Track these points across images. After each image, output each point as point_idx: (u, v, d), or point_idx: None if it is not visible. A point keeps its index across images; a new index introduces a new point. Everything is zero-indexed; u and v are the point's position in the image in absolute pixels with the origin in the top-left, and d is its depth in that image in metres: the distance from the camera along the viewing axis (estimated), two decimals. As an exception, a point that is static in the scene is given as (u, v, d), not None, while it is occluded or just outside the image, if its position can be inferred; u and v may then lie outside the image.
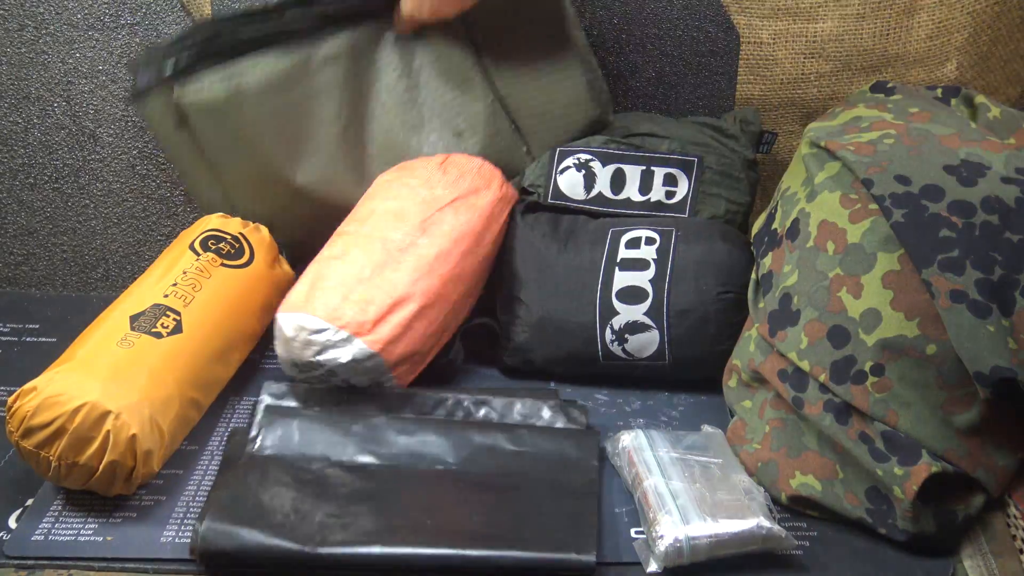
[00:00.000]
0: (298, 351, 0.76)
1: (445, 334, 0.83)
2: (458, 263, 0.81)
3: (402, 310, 0.77)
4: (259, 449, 0.72)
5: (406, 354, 0.78)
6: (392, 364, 0.77)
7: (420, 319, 0.78)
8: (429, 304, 0.79)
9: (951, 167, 0.67)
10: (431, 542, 0.65)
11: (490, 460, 0.73)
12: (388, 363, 0.77)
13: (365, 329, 0.76)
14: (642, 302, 0.80)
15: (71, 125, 0.97)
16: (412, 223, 0.82)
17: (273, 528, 0.64)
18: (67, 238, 1.00)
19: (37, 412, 0.66)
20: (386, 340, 0.76)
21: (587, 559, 0.64)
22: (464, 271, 0.82)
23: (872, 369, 0.66)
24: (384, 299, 0.77)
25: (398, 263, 0.79)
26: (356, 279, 0.78)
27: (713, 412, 0.81)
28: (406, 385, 0.80)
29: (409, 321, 0.77)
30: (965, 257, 0.63)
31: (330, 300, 0.76)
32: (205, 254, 0.82)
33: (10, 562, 0.65)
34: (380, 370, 0.77)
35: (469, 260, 0.83)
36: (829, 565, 0.67)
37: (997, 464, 0.67)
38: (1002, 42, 0.92)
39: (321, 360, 0.76)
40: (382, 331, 0.76)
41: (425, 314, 0.79)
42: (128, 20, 0.94)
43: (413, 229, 0.81)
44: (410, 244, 0.80)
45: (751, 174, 0.90)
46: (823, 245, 0.70)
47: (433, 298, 0.79)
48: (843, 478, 0.69)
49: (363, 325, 0.76)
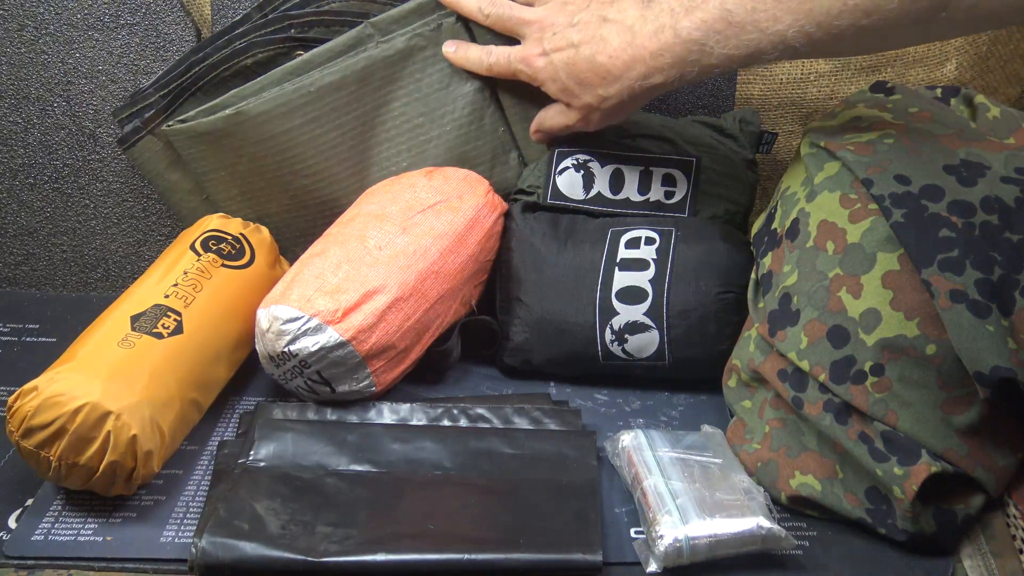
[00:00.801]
0: (272, 343, 0.76)
1: (426, 334, 0.82)
2: (437, 260, 0.81)
3: (375, 300, 0.77)
4: (253, 461, 0.72)
5: (380, 346, 0.77)
6: (366, 355, 0.76)
7: (394, 311, 0.77)
8: (404, 297, 0.78)
9: (951, 167, 0.67)
10: (435, 548, 0.64)
11: (488, 464, 0.73)
12: (361, 353, 0.76)
13: (336, 317, 0.75)
14: (642, 302, 0.80)
15: (71, 125, 0.97)
16: (393, 223, 0.82)
17: (273, 539, 0.64)
18: (67, 238, 1.00)
19: (38, 412, 0.66)
20: (357, 329, 0.75)
21: (593, 558, 0.64)
22: (444, 269, 0.81)
23: (872, 369, 0.66)
24: (357, 289, 0.77)
25: (375, 259, 0.79)
26: (332, 272, 0.78)
27: (713, 412, 0.81)
28: (387, 384, 0.79)
29: (382, 312, 0.76)
30: (965, 257, 0.63)
31: (304, 291, 0.76)
32: (206, 254, 0.82)
33: (10, 562, 0.65)
34: (353, 361, 0.76)
35: (450, 259, 0.82)
36: (829, 565, 0.67)
37: (997, 464, 0.67)
38: (1001, 42, 0.92)
39: (292, 350, 0.75)
40: (353, 319, 0.75)
41: (400, 307, 0.78)
42: (128, 20, 0.94)
43: (393, 228, 0.81)
44: (388, 242, 0.80)
45: (751, 174, 0.90)
46: (823, 245, 0.70)
47: (409, 292, 0.78)
48: (843, 478, 0.69)
49: (334, 313, 0.75)
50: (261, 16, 0.89)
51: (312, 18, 0.88)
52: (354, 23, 0.87)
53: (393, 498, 0.69)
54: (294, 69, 0.85)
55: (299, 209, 0.92)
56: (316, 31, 0.88)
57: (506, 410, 0.78)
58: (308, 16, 0.88)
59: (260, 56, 0.88)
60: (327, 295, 0.76)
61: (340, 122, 0.87)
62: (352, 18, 0.88)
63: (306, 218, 0.92)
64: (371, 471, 0.72)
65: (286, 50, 0.88)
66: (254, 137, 0.86)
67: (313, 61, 0.85)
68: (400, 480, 0.71)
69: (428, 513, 0.68)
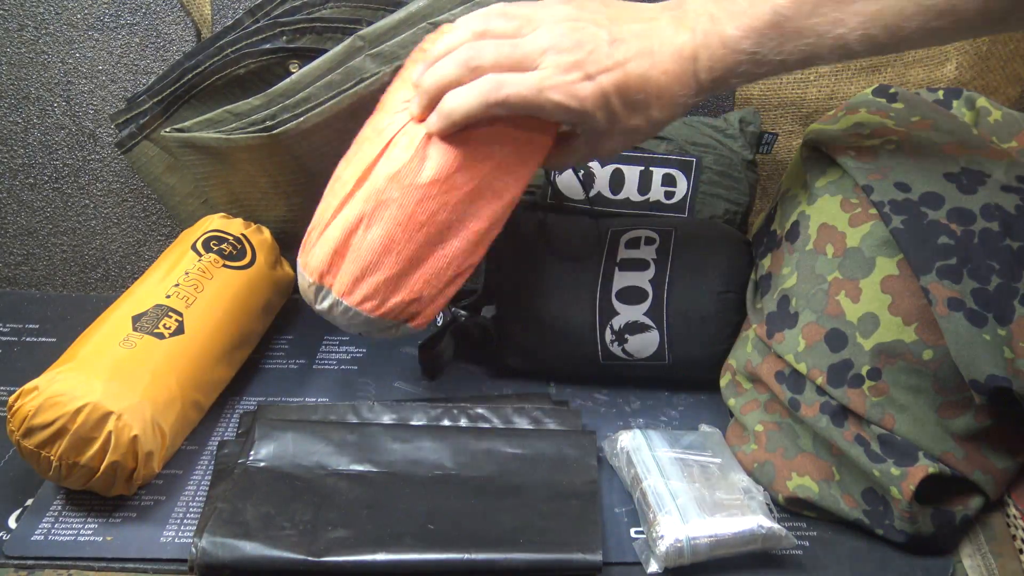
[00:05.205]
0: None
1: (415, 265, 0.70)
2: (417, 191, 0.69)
3: (331, 229, 0.70)
4: (253, 461, 0.72)
5: (355, 275, 0.69)
6: (343, 292, 0.70)
7: (360, 233, 0.69)
8: (368, 214, 0.69)
9: (951, 175, 0.67)
10: (435, 547, 0.64)
11: (488, 463, 0.73)
12: (337, 294, 0.70)
13: (304, 263, 0.71)
14: (642, 302, 0.80)
15: (71, 125, 0.97)
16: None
17: (274, 539, 0.64)
18: (67, 238, 1.00)
19: (39, 412, 0.66)
20: (319, 267, 0.70)
21: (594, 558, 0.64)
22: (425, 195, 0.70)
23: (869, 373, 0.66)
24: (317, 224, 0.72)
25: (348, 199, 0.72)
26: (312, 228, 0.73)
27: (713, 412, 0.82)
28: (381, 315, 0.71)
29: (344, 237, 0.69)
30: (963, 265, 0.63)
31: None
32: (207, 255, 0.82)
33: (10, 562, 0.65)
34: (339, 306, 0.71)
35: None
36: (829, 565, 0.67)
37: (996, 467, 0.67)
38: (1002, 42, 0.92)
39: (317, 310, 0.72)
40: (316, 255, 0.70)
41: (367, 226, 0.69)
42: (128, 20, 0.94)
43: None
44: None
45: (750, 174, 0.90)
46: (822, 248, 0.70)
47: (373, 206, 0.69)
48: (840, 480, 0.69)
49: (305, 260, 0.71)
50: (253, 22, 0.88)
51: (303, 25, 0.87)
52: (346, 30, 0.86)
53: (393, 498, 0.69)
54: (282, 92, 0.82)
55: (297, 222, 0.91)
56: (308, 39, 0.87)
57: (506, 410, 0.78)
58: (300, 23, 0.87)
59: (253, 66, 0.88)
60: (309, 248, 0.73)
61: (332, 153, 0.79)
62: (343, 24, 0.87)
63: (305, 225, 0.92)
64: (371, 471, 0.72)
65: (279, 60, 0.88)
66: (245, 160, 0.86)
67: (300, 83, 0.82)
68: (400, 480, 0.71)
69: (428, 513, 0.68)
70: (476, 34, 0.67)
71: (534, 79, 0.65)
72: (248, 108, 0.84)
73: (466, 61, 0.66)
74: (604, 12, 0.67)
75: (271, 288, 0.86)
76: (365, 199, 0.69)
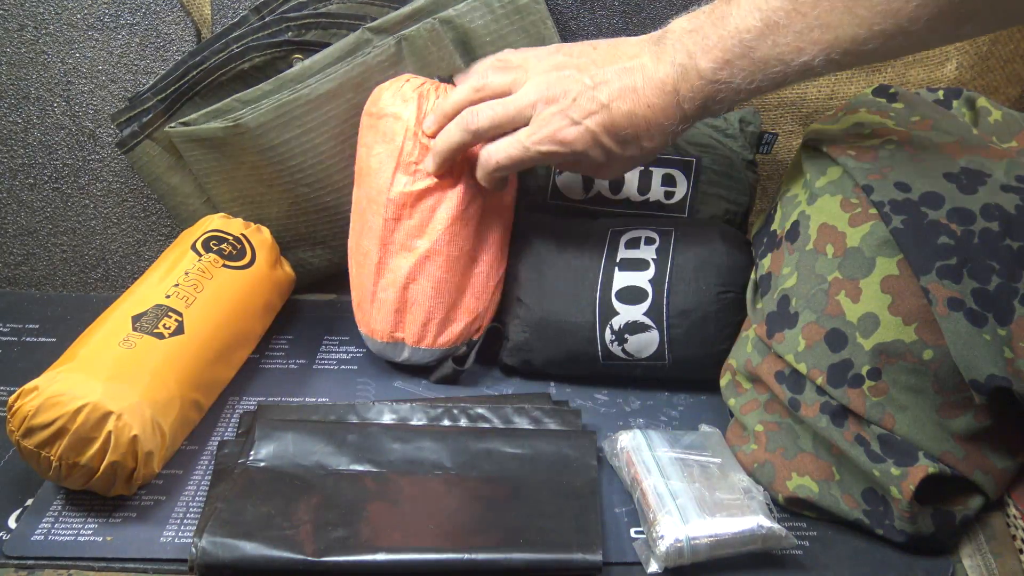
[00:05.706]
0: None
1: (462, 291, 0.83)
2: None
3: (382, 293, 0.82)
4: (253, 461, 0.72)
5: (421, 322, 0.82)
6: (416, 340, 0.82)
7: (412, 288, 0.81)
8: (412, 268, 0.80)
9: (951, 175, 0.67)
10: (436, 547, 0.64)
11: (488, 463, 0.73)
12: (412, 343, 0.83)
13: (370, 331, 0.83)
14: (642, 302, 0.80)
15: (71, 125, 0.97)
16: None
17: (274, 539, 0.64)
18: (67, 238, 1.00)
19: (39, 412, 0.66)
20: (386, 328, 0.83)
21: (594, 558, 0.64)
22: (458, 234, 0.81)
23: (869, 373, 0.66)
24: (363, 296, 0.84)
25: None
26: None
27: (713, 412, 0.82)
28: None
29: (399, 296, 0.81)
30: (963, 265, 0.63)
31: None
32: (207, 255, 0.82)
33: (10, 562, 0.66)
34: (417, 352, 0.83)
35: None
36: (829, 565, 0.67)
37: (996, 467, 0.67)
38: (1002, 42, 0.92)
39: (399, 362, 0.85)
40: (378, 319, 0.83)
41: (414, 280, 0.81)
42: (128, 20, 0.94)
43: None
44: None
45: (750, 174, 0.90)
46: (822, 248, 0.70)
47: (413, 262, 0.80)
48: (840, 480, 0.69)
49: (370, 328, 0.83)
50: (258, 19, 0.89)
51: (309, 20, 0.88)
52: (351, 25, 0.87)
53: (394, 498, 0.69)
54: (292, 77, 0.85)
55: (300, 215, 0.92)
56: (313, 34, 0.88)
57: (506, 410, 0.78)
58: (305, 19, 0.88)
59: (257, 60, 0.88)
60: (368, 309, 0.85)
61: (339, 131, 0.87)
62: (349, 20, 0.87)
63: (307, 223, 0.92)
64: (371, 471, 0.72)
65: (283, 54, 0.88)
66: (252, 147, 0.86)
67: (311, 68, 0.85)
68: (400, 480, 0.71)
69: (429, 513, 0.68)
70: (475, 90, 0.75)
71: (519, 137, 0.73)
72: (258, 94, 0.85)
73: (466, 125, 0.75)
74: (590, 56, 0.72)
75: (271, 288, 0.86)
76: (402, 259, 0.80)
